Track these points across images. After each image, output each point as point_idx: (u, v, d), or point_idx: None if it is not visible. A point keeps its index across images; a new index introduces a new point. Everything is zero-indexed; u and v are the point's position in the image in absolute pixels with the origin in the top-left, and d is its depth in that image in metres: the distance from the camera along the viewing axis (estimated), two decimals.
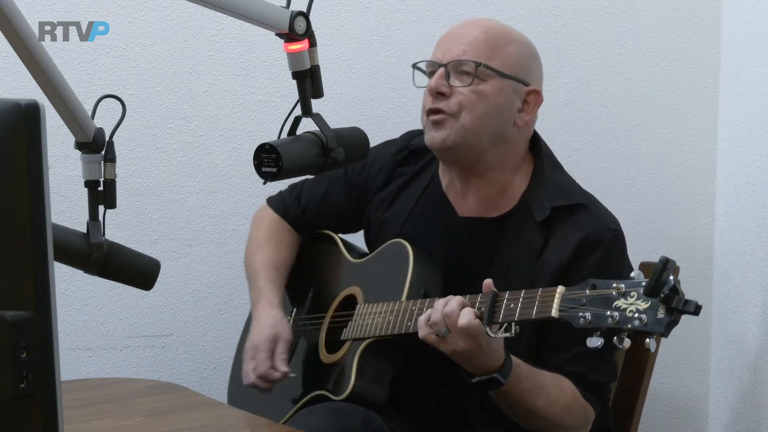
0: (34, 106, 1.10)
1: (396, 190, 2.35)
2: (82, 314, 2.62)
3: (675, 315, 1.73)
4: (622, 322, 1.75)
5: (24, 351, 1.09)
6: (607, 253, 2.12)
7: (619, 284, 1.78)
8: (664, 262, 1.70)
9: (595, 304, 1.79)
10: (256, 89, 2.68)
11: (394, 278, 2.18)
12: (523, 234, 2.16)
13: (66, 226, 1.53)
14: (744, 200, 2.82)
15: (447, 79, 2.15)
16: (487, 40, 2.18)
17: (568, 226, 2.14)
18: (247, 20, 1.57)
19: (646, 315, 1.74)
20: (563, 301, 1.83)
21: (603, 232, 2.14)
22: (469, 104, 2.15)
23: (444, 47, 2.19)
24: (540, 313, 1.86)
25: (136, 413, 2.05)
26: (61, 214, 2.36)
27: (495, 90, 2.16)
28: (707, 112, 2.94)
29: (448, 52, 2.17)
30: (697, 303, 1.72)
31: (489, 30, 2.20)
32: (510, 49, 2.19)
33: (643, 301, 1.75)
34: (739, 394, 2.85)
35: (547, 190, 2.18)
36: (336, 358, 2.23)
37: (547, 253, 2.13)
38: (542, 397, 2.05)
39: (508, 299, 1.92)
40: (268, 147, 1.59)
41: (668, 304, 1.72)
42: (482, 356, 1.96)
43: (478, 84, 2.15)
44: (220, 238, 2.71)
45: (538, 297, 1.88)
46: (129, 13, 2.58)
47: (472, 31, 2.19)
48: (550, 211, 2.15)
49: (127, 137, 2.48)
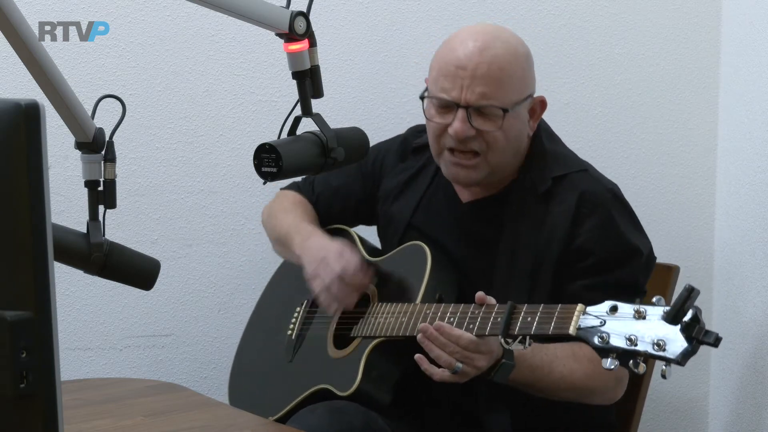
0: (34, 106, 1.10)
1: (402, 183, 2.37)
2: (82, 314, 2.62)
3: (694, 345, 1.68)
4: (639, 347, 1.72)
5: (24, 351, 1.09)
6: (606, 218, 2.14)
7: (640, 308, 1.74)
8: (689, 291, 1.66)
9: (613, 325, 1.76)
10: (256, 89, 2.68)
11: (410, 280, 2.19)
12: (525, 207, 2.19)
13: (66, 226, 1.53)
14: (744, 200, 2.82)
15: (469, 120, 2.14)
16: (500, 71, 2.13)
17: (566, 189, 2.17)
18: (247, 20, 1.57)
19: (664, 342, 1.70)
20: (582, 320, 1.81)
21: (599, 191, 2.17)
22: (497, 144, 2.16)
23: (458, 84, 2.14)
24: (557, 329, 1.85)
25: (136, 413, 2.05)
26: (61, 214, 2.36)
27: (515, 121, 2.17)
28: (707, 112, 2.94)
29: (466, 93, 2.13)
30: (718, 335, 1.67)
31: (496, 60, 2.14)
32: (517, 74, 2.16)
33: (662, 327, 1.70)
34: (739, 394, 2.85)
35: (546, 163, 2.21)
36: (344, 353, 2.23)
37: (549, 222, 2.15)
38: (557, 369, 2.08)
39: (526, 312, 1.91)
40: (268, 147, 1.59)
41: (688, 333, 1.68)
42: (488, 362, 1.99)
43: (505, 123, 2.15)
44: (220, 238, 2.71)
45: (556, 313, 1.86)
46: (129, 13, 2.58)
47: (481, 65, 2.13)
48: (551, 181, 2.18)
49: (127, 137, 2.48)
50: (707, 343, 1.68)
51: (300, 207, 2.46)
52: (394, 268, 2.28)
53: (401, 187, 2.37)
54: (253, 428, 2.08)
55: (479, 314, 1.98)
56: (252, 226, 2.66)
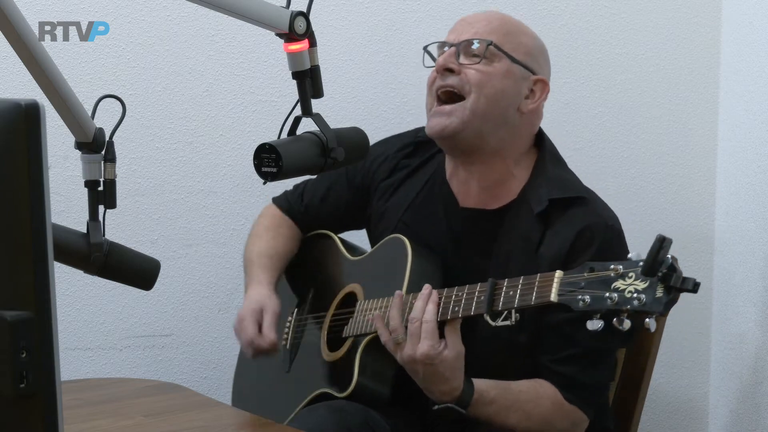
0: (34, 106, 1.10)
1: (399, 180, 2.36)
2: (82, 314, 2.62)
3: (673, 293, 1.72)
4: (620, 303, 1.75)
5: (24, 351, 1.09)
6: (603, 249, 2.11)
7: (617, 265, 1.77)
8: (660, 240, 1.70)
9: (593, 286, 1.79)
10: (256, 89, 2.68)
11: (393, 273, 2.19)
12: (521, 227, 2.16)
13: (66, 226, 1.53)
14: (744, 200, 2.82)
15: (457, 57, 2.17)
16: (501, 26, 2.21)
17: (565, 220, 2.13)
18: (247, 20, 1.57)
19: (644, 295, 1.73)
20: (562, 285, 1.84)
21: (599, 228, 2.13)
22: (476, 82, 2.15)
23: (457, 31, 2.22)
24: (539, 298, 1.86)
25: (136, 413, 2.05)
26: (61, 214, 2.36)
27: (503, 71, 2.17)
28: (707, 112, 2.94)
29: (460, 35, 2.20)
30: (695, 280, 1.71)
31: (505, 19, 2.24)
32: (522, 39, 2.22)
33: (641, 281, 1.74)
34: (739, 394, 2.85)
35: (546, 183, 2.18)
36: (338, 355, 2.23)
37: (544, 247, 2.12)
38: (513, 415, 2.08)
39: (507, 287, 1.93)
40: (268, 147, 1.59)
41: (666, 283, 1.71)
42: (441, 376, 2.00)
43: (487, 64, 2.17)
44: (220, 238, 2.71)
45: (536, 282, 1.88)
46: (129, 13, 2.58)
47: (487, 17, 2.23)
48: (548, 203, 2.14)
49: (127, 137, 2.48)
50: (686, 289, 1.72)
51: (270, 232, 2.47)
52: (376, 263, 2.28)
53: (398, 183, 2.36)
54: (253, 428, 2.08)
55: (463, 296, 1.99)
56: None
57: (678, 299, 1.74)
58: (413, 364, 2.01)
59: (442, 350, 1.98)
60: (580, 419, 2.14)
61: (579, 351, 2.08)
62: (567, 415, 2.11)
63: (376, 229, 2.37)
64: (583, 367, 2.10)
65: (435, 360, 1.98)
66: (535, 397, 2.10)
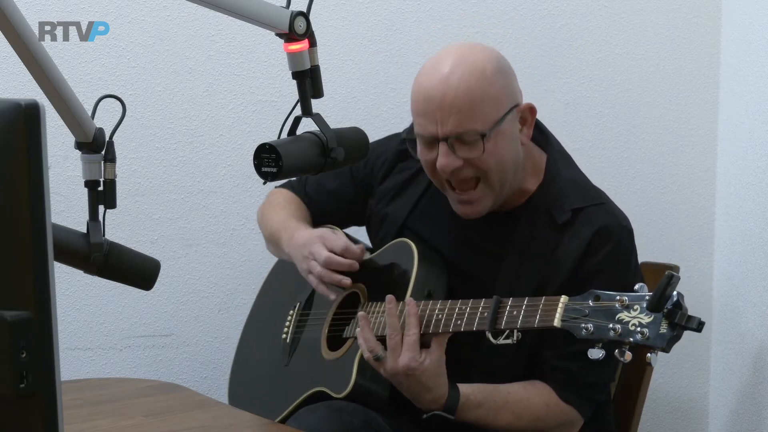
0: (34, 106, 1.10)
1: (399, 184, 2.35)
2: (82, 314, 2.62)
3: (677, 330, 1.72)
4: (624, 335, 1.75)
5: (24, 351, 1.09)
6: (617, 248, 2.12)
7: (623, 296, 1.77)
8: (669, 277, 1.70)
9: (597, 315, 1.79)
10: (256, 89, 2.68)
11: (398, 278, 2.19)
12: (537, 231, 2.15)
13: (66, 226, 1.53)
14: (744, 200, 2.82)
15: (453, 151, 2.09)
16: (470, 101, 2.07)
17: (582, 220, 2.14)
18: (247, 20, 1.57)
19: (648, 329, 1.73)
20: (566, 311, 1.83)
21: (615, 228, 2.14)
22: (490, 167, 2.11)
23: (430, 118, 2.09)
24: (542, 321, 1.87)
25: (136, 413, 2.05)
26: (61, 214, 2.37)
27: (502, 137, 2.11)
28: (707, 112, 2.94)
29: (441, 125, 2.08)
30: (700, 320, 1.71)
31: (462, 84, 2.08)
32: (488, 93, 2.09)
33: (645, 315, 1.74)
34: (739, 394, 2.85)
35: (565, 190, 2.17)
36: (337, 355, 2.23)
37: (560, 250, 2.12)
38: (503, 417, 2.09)
39: (511, 306, 1.92)
40: (268, 147, 1.59)
41: (671, 320, 1.72)
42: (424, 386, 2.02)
43: (488, 145, 2.09)
44: (220, 238, 2.71)
45: (541, 306, 1.88)
46: (129, 13, 2.58)
47: (447, 94, 2.07)
48: (571, 213, 2.14)
49: (127, 137, 2.48)
50: (690, 328, 1.73)
51: (291, 204, 2.46)
52: (382, 266, 2.28)
53: (399, 187, 2.35)
54: (253, 428, 2.08)
55: (466, 310, 1.99)
56: (252, 226, 2.66)
57: (681, 337, 1.74)
58: (396, 376, 2.03)
59: (423, 360, 2.01)
60: (575, 418, 2.14)
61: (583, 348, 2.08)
62: (561, 414, 2.12)
63: (377, 233, 2.36)
64: (585, 365, 2.10)
65: (416, 371, 2.00)
66: (525, 397, 2.10)
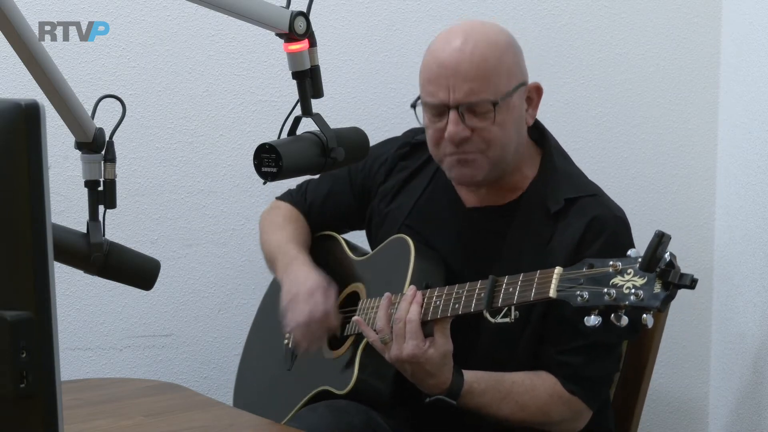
0: (34, 106, 1.10)
1: (399, 183, 2.36)
2: (82, 314, 2.62)
3: (671, 289, 1.73)
4: (618, 299, 1.75)
5: (24, 351, 1.09)
6: (611, 238, 2.12)
7: (616, 262, 1.78)
8: (659, 236, 1.71)
9: (592, 282, 1.80)
10: (256, 89, 2.68)
11: (395, 272, 2.19)
12: (532, 224, 2.16)
13: (66, 226, 1.53)
14: (744, 200, 2.82)
15: (462, 120, 2.11)
16: (484, 69, 2.10)
17: (576, 212, 2.15)
18: (247, 20, 1.57)
19: (642, 291, 1.74)
20: (561, 281, 1.84)
21: (609, 218, 2.15)
22: (496, 140, 2.12)
23: (443, 85, 2.11)
24: (538, 294, 1.87)
25: (136, 413, 2.06)
26: (61, 214, 2.36)
27: (510, 112, 2.13)
28: (707, 112, 2.94)
29: (453, 92, 2.10)
30: (693, 276, 1.72)
31: (476, 53, 2.11)
32: (502, 64, 2.12)
33: (639, 277, 1.75)
34: (739, 394, 2.85)
35: (559, 182, 2.19)
36: (339, 353, 2.24)
37: (555, 241, 2.13)
38: (506, 406, 2.09)
39: (507, 284, 1.94)
40: (268, 147, 1.59)
41: (664, 279, 1.72)
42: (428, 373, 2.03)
43: (498, 116, 2.11)
44: (220, 238, 2.71)
45: (536, 279, 1.89)
46: (129, 13, 2.58)
47: (462, 61, 2.10)
48: (564, 202, 2.16)
49: (127, 137, 2.48)
50: (684, 285, 1.73)
51: (291, 224, 2.45)
52: (380, 263, 2.29)
53: (400, 185, 2.36)
54: (254, 428, 2.08)
55: (463, 293, 2.00)
56: (252, 226, 2.66)
57: (676, 295, 1.74)
58: (401, 363, 2.04)
59: (427, 349, 2.01)
60: (582, 409, 2.14)
61: (586, 343, 2.09)
62: (566, 405, 2.11)
63: (377, 233, 2.37)
64: (589, 359, 2.11)
65: (420, 359, 2.01)
66: (530, 387, 2.10)
